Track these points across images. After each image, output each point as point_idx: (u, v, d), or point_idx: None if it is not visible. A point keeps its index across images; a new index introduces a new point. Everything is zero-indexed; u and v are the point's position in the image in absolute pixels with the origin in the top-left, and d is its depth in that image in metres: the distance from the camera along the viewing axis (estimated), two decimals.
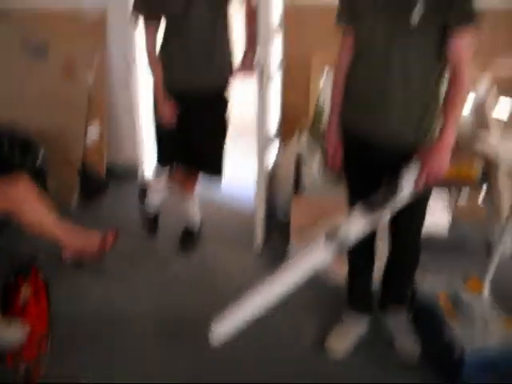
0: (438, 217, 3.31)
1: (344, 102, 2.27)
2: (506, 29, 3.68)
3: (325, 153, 2.39)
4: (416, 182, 2.03)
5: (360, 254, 2.44)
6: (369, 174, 2.26)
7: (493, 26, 3.56)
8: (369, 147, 2.19)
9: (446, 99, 2.04)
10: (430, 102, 2.10)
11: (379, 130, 2.15)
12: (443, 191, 3.33)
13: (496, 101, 3.38)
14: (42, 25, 3.92)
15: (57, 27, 3.93)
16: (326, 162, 2.39)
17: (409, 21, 1.96)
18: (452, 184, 3.11)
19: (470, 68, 2.02)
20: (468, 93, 2.10)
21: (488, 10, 3.42)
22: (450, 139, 2.00)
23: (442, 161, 2.00)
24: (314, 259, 2.14)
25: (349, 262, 2.54)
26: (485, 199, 3.37)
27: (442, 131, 2.02)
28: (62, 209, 2.96)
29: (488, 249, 3.16)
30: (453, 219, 3.40)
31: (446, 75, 2.07)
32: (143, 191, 3.51)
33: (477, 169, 3.30)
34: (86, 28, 3.98)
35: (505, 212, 3.19)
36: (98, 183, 4.08)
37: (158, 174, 3.28)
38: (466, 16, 1.96)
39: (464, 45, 1.98)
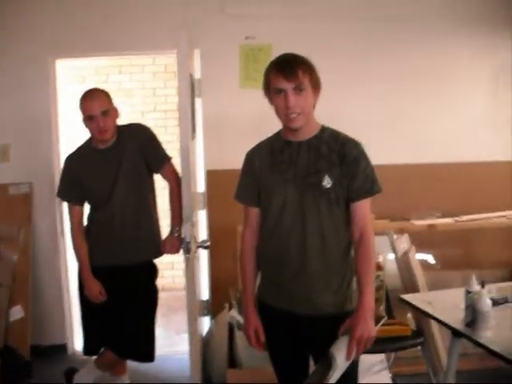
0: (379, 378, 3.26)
1: (261, 279, 2.26)
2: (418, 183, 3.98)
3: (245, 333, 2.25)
4: (348, 353, 1.97)
5: None
6: (292, 349, 2.21)
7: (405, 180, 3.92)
8: (289, 321, 2.14)
9: (357, 264, 2.07)
10: (346, 269, 2.14)
11: (298, 304, 2.12)
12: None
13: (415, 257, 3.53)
14: None
15: None
16: (248, 341, 2.24)
17: (320, 190, 2.04)
18: (387, 346, 3.09)
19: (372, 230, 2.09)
20: (375, 253, 2.13)
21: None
22: (370, 302, 2.00)
23: (369, 325, 1.97)
24: None
25: None
26: (423, 352, 3.37)
27: (360, 296, 2.01)
28: None
29: None
30: (394, 375, 3.36)
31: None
32: (71, 372, 3.31)
33: (410, 325, 3.34)
34: (12, 203, 3.97)
35: (443, 362, 3.19)
36: (22, 366, 3.83)
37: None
38: (365, 190, 2.07)
39: (366, 209, 2.09)
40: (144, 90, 5.53)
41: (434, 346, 3.32)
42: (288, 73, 1.98)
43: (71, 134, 4.30)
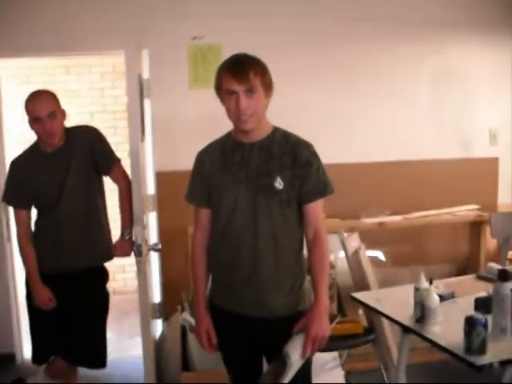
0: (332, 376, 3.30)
1: (212, 280, 2.25)
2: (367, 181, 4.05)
3: (197, 335, 2.23)
4: (303, 351, 1.98)
5: None
6: (245, 351, 2.20)
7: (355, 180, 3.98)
8: (242, 323, 2.13)
9: (311, 264, 2.08)
10: (299, 269, 2.15)
11: (250, 306, 2.11)
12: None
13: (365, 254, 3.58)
14: None
15: None
16: (200, 343, 2.23)
17: (272, 191, 2.04)
18: (340, 344, 3.12)
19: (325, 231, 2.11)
20: (328, 253, 2.16)
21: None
22: (325, 301, 2.02)
23: (323, 324, 1.98)
24: None
25: None
26: (374, 348, 3.42)
27: (315, 296, 2.03)
28: None
29: None
30: (348, 372, 3.40)
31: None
32: (19, 382, 3.24)
33: (362, 321, 3.39)
34: None
35: (394, 357, 3.25)
36: None
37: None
38: (318, 192, 2.09)
39: (319, 210, 2.10)
40: (92, 90, 5.44)
41: (385, 342, 3.38)
42: (239, 75, 1.97)
43: (17, 136, 4.20)
